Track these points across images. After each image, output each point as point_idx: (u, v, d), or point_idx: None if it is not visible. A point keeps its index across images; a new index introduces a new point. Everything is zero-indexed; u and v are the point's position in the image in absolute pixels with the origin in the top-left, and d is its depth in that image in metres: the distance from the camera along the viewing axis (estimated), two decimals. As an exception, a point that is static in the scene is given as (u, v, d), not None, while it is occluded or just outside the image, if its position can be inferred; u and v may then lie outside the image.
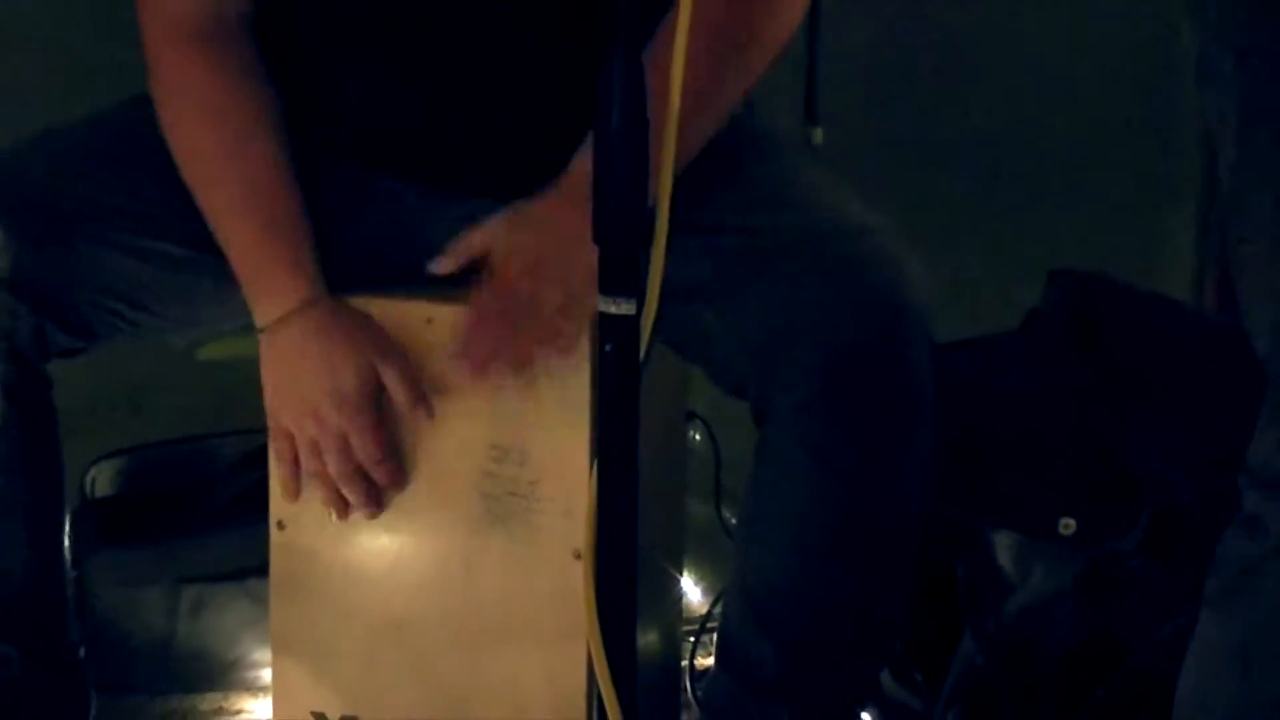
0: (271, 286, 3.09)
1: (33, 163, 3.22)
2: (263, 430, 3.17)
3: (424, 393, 3.10)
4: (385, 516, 3.13)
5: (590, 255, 2.30)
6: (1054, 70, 5.08)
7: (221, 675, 3.78)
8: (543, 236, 2.97)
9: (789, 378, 2.96)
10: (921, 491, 3.06)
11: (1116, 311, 3.84)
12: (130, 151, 3.19)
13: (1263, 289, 2.66)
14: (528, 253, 2.99)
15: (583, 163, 2.85)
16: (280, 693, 3.26)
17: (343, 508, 3.10)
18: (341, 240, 3.19)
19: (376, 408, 3.09)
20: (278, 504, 3.17)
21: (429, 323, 3.11)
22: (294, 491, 3.12)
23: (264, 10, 3.24)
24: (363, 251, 3.22)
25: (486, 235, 3.07)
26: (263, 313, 3.10)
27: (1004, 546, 3.56)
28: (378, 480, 3.08)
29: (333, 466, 3.06)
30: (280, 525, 3.18)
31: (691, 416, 3.69)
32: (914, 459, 3.03)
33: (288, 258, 3.10)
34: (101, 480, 3.89)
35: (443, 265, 3.09)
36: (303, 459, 3.09)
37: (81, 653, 3.29)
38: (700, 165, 2.94)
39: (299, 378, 3.07)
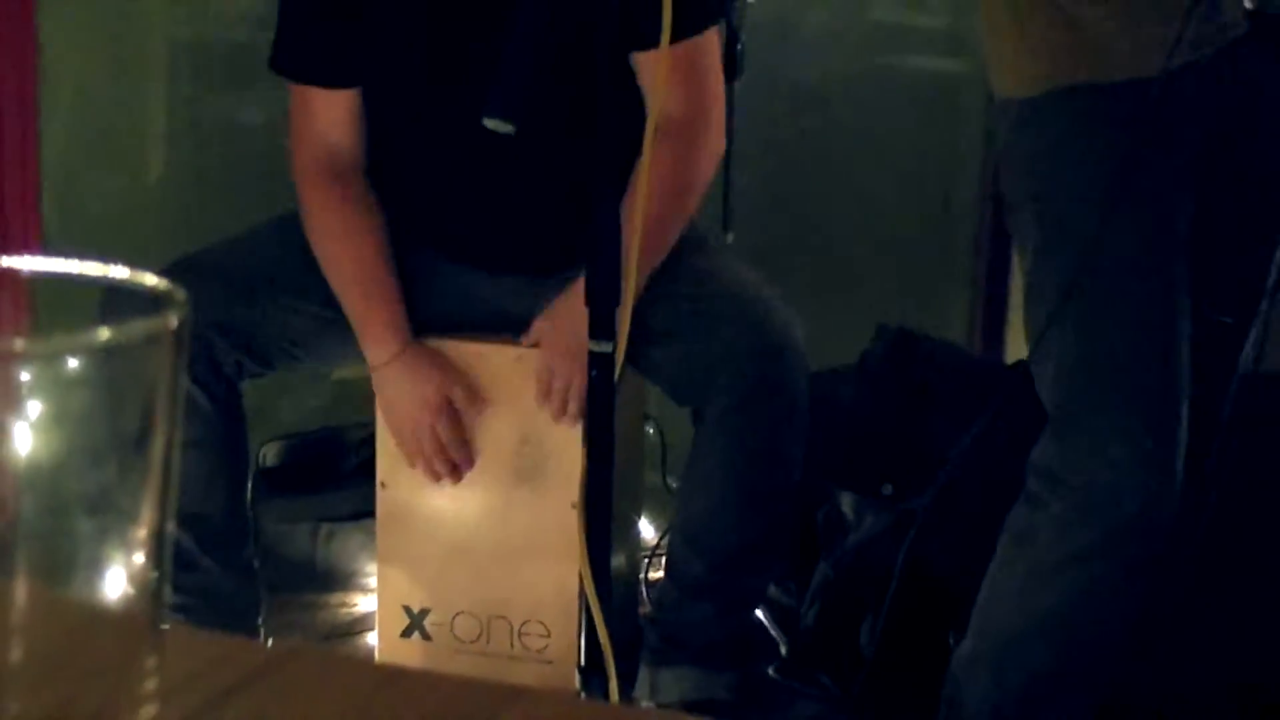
0: (377, 340, 3.15)
1: (234, 253, 3.24)
2: (371, 423, 3.25)
3: (479, 399, 3.18)
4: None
5: None
6: (886, 187, 5.02)
7: (344, 581, 3.78)
8: (574, 322, 3.01)
9: (714, 394, 3.03)
10: (798, 465, 3.12)
11: (919, 352, 3.88)
12: (295, 248, 3.19)
13: (1045, 350, 2.72)
14: (567, 332, 3.02)
15: None
16: (383, 594, 3.32)
17: (435, 476, 3.17)
18: (424, 301, 3.21)
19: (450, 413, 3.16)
20: (382, 469, 3.23)
21: (480, 356, 3.20)
22: (410, 464, 3.18)
23: (371, 153, 3.26)
24: (436, 308, 3.24)
25: (542, 325, 3.13)
26: (373, 357, 3.15)
27: (847, 502, 3.60)
28: (455, 458, 3.15)
29: (427, 448, 3.14)
30: (383, 485, 3.25)
31: (648, 417, 3.70)
32: (794, 446, 3.09)
33: (386, 321, 3.15)
34: (269, 455, 3.90)
35: (530, 336, 3.16)
36: (406, 447, 3.16)
37: (256, 565, 3.31)
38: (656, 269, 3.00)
39: (400, 398, 3.14)
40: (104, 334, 0.58)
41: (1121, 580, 2.69)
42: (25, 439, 0.58)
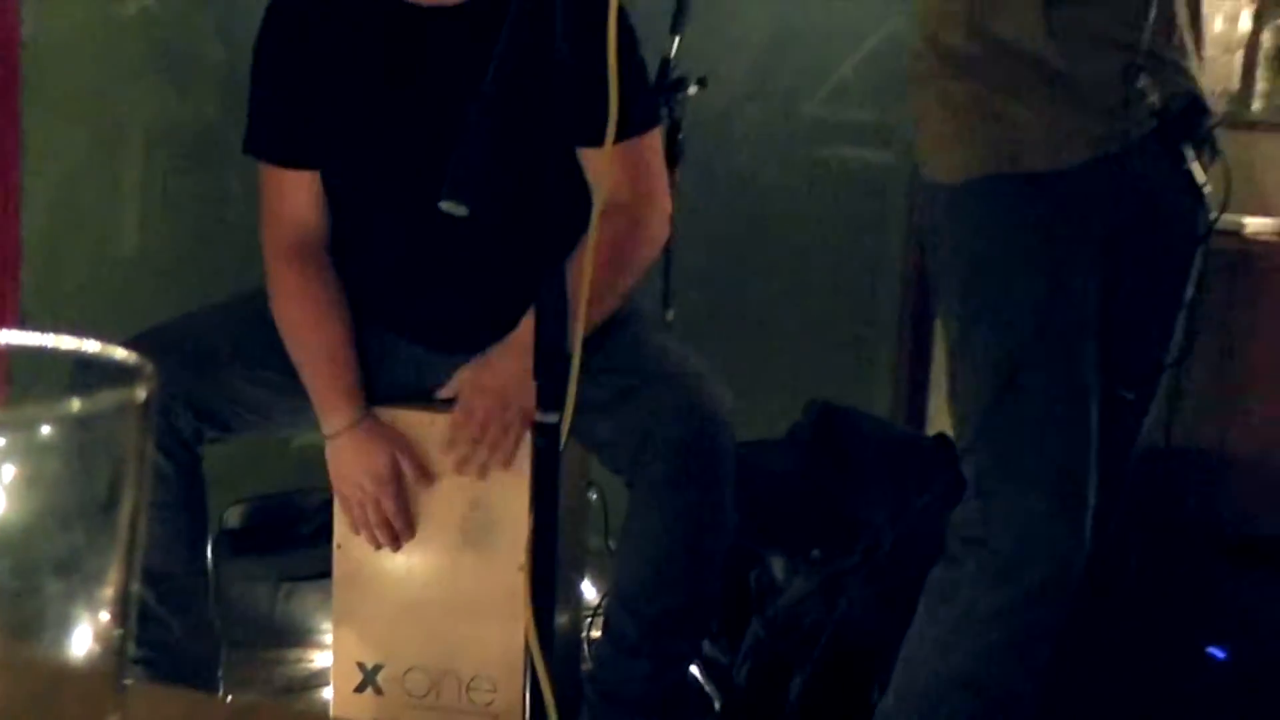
0: (333, 411, 3.14)
1: (198, 326, 3.23)
2: (329, 488, 3.22)
3: (426, 470, 3.17)
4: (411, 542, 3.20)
5: (528, 388, 2.37)
6: (816, 269, 5.05)
7: (302, 637, 3.77)
8: (498, 377, 3.03)
9: (648, 462, 3.02)
10: (728, 530, 3.11)
11: (845, 425, 3.92)
12: (255, 321, 3.18)
13: (965, 421, 2.74)
14: (489, 388, 3.05)
15: (524, 330, 2.92)
16: (338, 650, 3.28)
17: (375, 544, 3.15)
18: (378, 374, 3.21)
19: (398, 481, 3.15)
20: (338, 532, 3.21)
21: (431, 425, 3.18)
22: (354, 531, 3.17)
23: (334, 233, 3.26)
24: (390, 381, 3.24)
25: (466, 374, 3.14)
26: (327, 426, 3.14)
27: (778, 565, 3.62)
28: (396, 527, 3.14)
29: (372, 518, 3.13)
30: (339, 546, 3.22)
31: (590, 483, 3.70)
32: (723, 511, 3.07)
33: (342, 392, 3.15)
34: (233, 517, 3.90)
35: (444, 393, 3.17)
36: (352, 514, 3.15)
37: (216, 621, 3.29)
38: (600, 330, 3.00)
39: (350, 468, 3.13)
40: (75, 405, 0.58)
41: (1034, 638, 2.70)
42: (3, 509, 0.58)
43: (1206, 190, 2.71)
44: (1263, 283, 4.23)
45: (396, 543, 3.16)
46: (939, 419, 3.35)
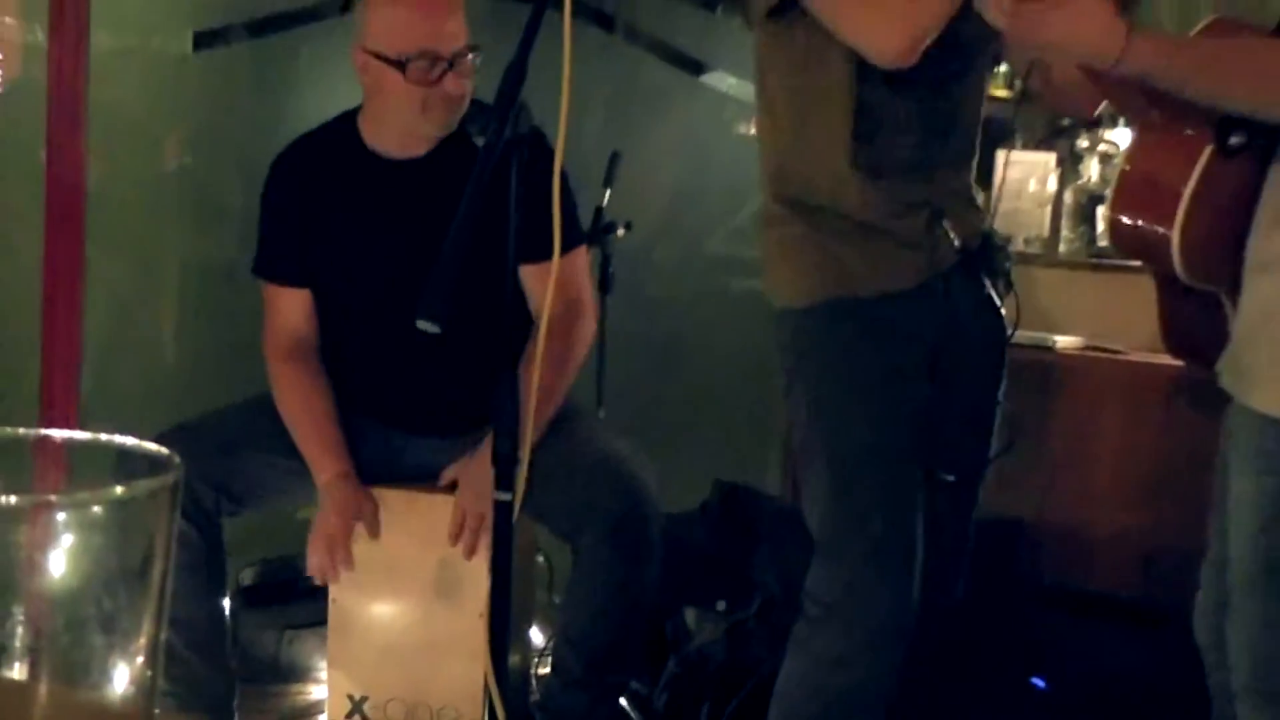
0: (323, 466, 3.13)
1: (218, 420, 3.24)
2: None
3: (378, 530, 3.15)
4: (385, 593, 3.17)
5: None
6: (721, 375, 5.08)
7: (302, 675, 3.74)
8: (482, 473, 3.02)
9: (588, 532, 3.02)
10: (654, 587, 3.09)
11: (745, 500, 3.92)
12: (265, 416, 3.18)
13: (813, 499, 2.73)
14: (477, 483, 3.01)
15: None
16: (332, 685, 3.25)
17: (318, 571, 3.13)
18: (363, 457, 3.19)
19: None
20: (333, 588, 3.18)
21: (411, 501, 3.17)
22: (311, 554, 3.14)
23: (324, 337, 3.27)
24: (374, 462, 3.22)
25: (462, 475, 3.11)
26: (318, 477, 3.13)
27: (690, 615, 3.62)
28: (336, 559, 3.11)
29: (324, 547, 3.10)
30: (333, 600, 3.19)
31: (538, 549, 3.69)
32: (650, 572, 3.05)
33: (330, 451, 3.15)
34: (247, 576, 3.88)
35: (444, 479, 3.16)
36: (314, 539, 3.12)
37: (232, 662, 3.26)
38: (547, 425, 3.00)
39: (330, 504, 3.12)
40: (118, 490, 0.58)
41: (873, 678, 2.68)
42: (57, 570, 0.58)
43: (1004, 310, 2.72)
44: (1069, 387, 4.26)
45: (333, 575, 3.13)
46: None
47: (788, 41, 2.66)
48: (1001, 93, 3.89)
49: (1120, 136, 4.73)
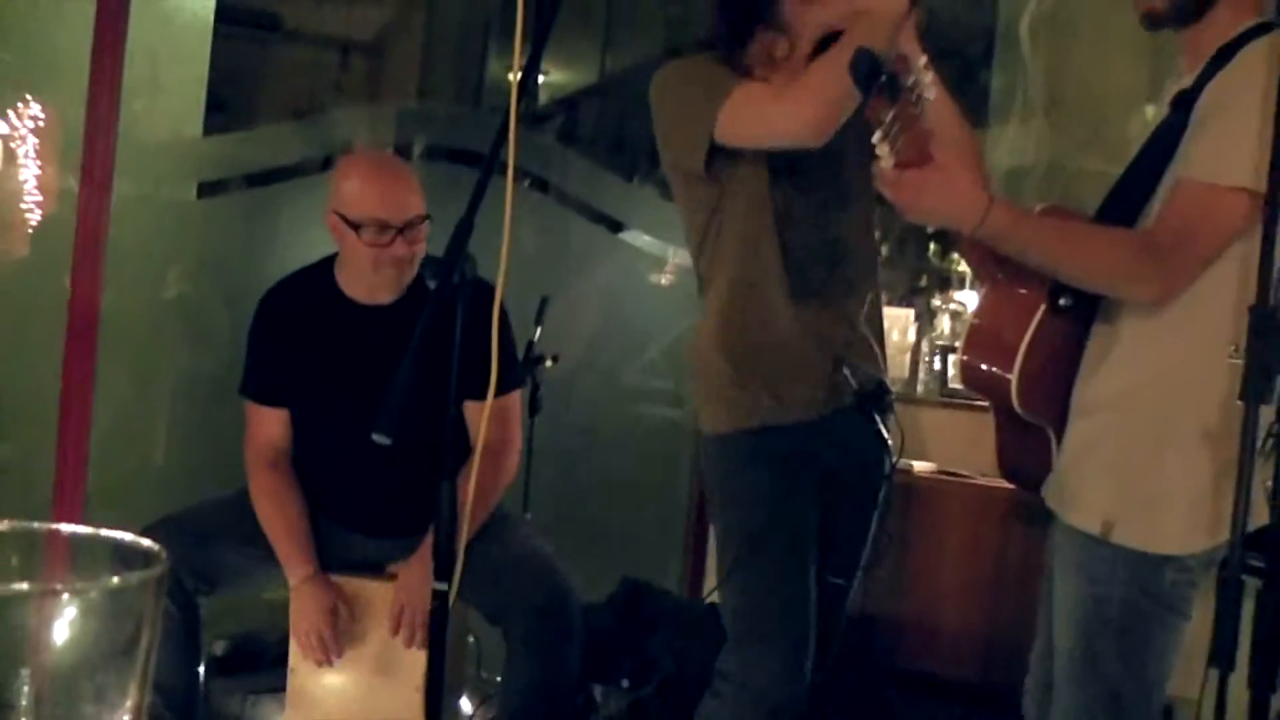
0: (296, 569, 3.09)
1: (200, 513, 3.20)
2: (285, 628, 3.14)
3: (356, 617, 3.12)
4: (336, 666, 3.12)
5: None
6: (624, 489, 5.02)
7: None
8: (421, 572, 2.98)
9: (516, 619, 3.01)
10: (577, 664, 3.07)
11: (648, 594, 3.90)
12: (241, 511, 3.15)
13: (726, 597, 2.71)
14: (416, 580, 3.01)
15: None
16: (289, 742, 3.22)
17: (317, 661, 3.08)
18: (327, 552, 3.16)
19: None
20: (291, 660, 3.13)
21: (363, 587, 3.14)
22: (303, 652, 3.09)
23: (297, 454, 3.25)
24: (332, 555, 3.18)
25: (402, 567, 3.10)
26: (291, 578, 3.09)
27: (598, 691, 3.58)
28: (331, 650, 3.07)
29: (314, 643, 3.06)
30: (292, 670, 3.14)
31: (469, 630, 3.65)
32: (573, 653, 3.04)
33: (301, 555, 3.10)
34: (219, 647, 3.79)
35: (389, 571, 3.15)
36: (302, 640, 3.08)
37: None
38: (479, 528, 2.99)
39: (306, 605, 3.07)
40: (113, 581, 0.59)
41: None
42: (59, 644, 0.58)
43: (889, 443, 2.73)
44: (924, 505, 4.29)
45: (330, 661, 3.08)
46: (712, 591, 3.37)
47: (714, 194, 2.66)
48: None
49: (968, 297, 4.82)
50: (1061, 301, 2.31)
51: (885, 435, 2.69)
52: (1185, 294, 2.20)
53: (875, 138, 2.00)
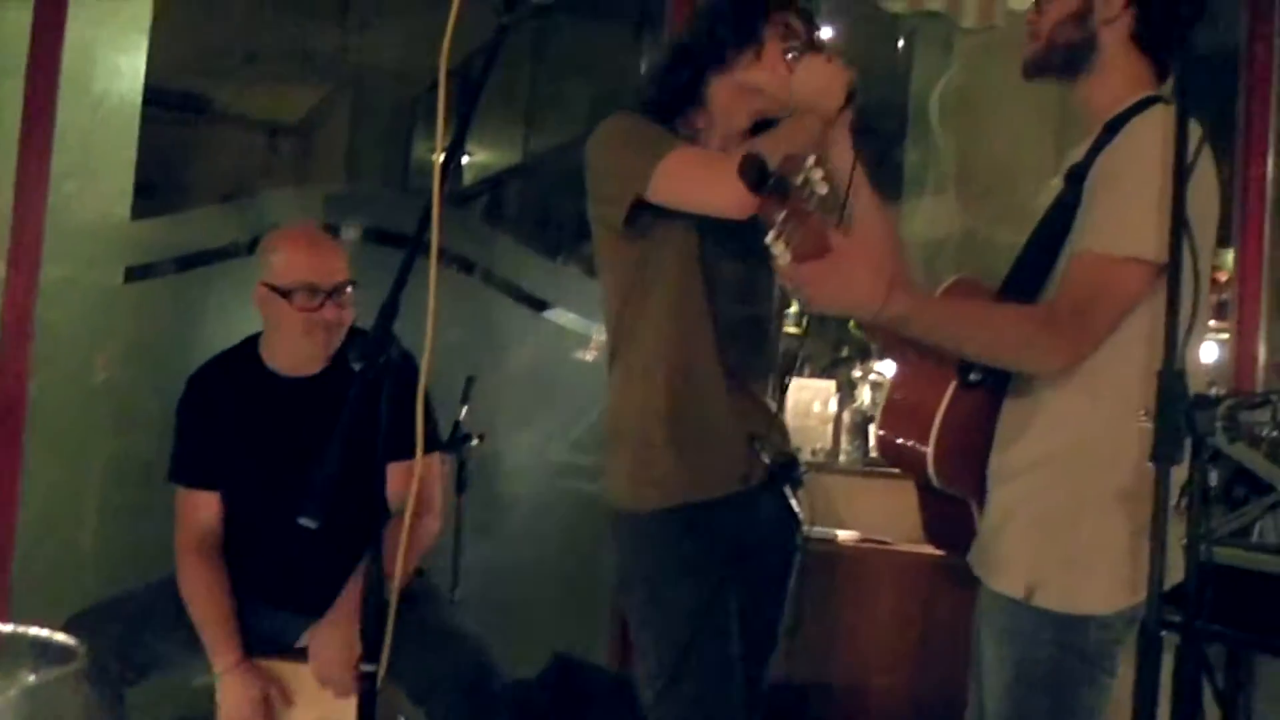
0: (222, 656, 3.07)
1: (127, 601, 3.17)
2: (212, 716, 3.11)
3: (288, 699, 3.09)
4: None
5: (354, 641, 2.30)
6: (559, 567, 4.98)
7: None
8: (343, 638, 2.96)
9: (440, 697, 3.00)
10: None
11: (577, 671, 3.88)
12: (169, 598, 3.12)
13: (649, 681, 2.67)
14: (334, 647, 2.99)
15: (347, 600, 2.99)
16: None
17: None
18: (254, 630, 3.14)
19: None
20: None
21: (293, 669, 3.11)
22: None
23: (226, 535, 3.22)
24: (259, 634, 3.16)
25: (317, 636, 3.07)
26: (217, 666, 3.06)
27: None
28: None
29: None
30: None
31: (398, 713, 3.60)
32: None
33: (229, 644, 3.08)
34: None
35: (301, 643, 3.11)
36: None
37: None
38: (402, 611, 2.95)
39: (234, 695, 3.05)
40: (30, 679, 0.58)
41: None
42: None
43: (801, 518, 2.71)
44: (849, 572, 4.30)
45: None
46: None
47: (636, 251, 2.65)
48: (793, 329, 3.98)
49: (887, 368, 4.86)
50: (971, 376, 2.35)
51: (797, 510, 2.69)
52: (1095, 360, 2.25)
53: (768, 238, 2.03)
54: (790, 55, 2.59)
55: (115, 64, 4.37)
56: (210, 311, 4.37)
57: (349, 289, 3.19)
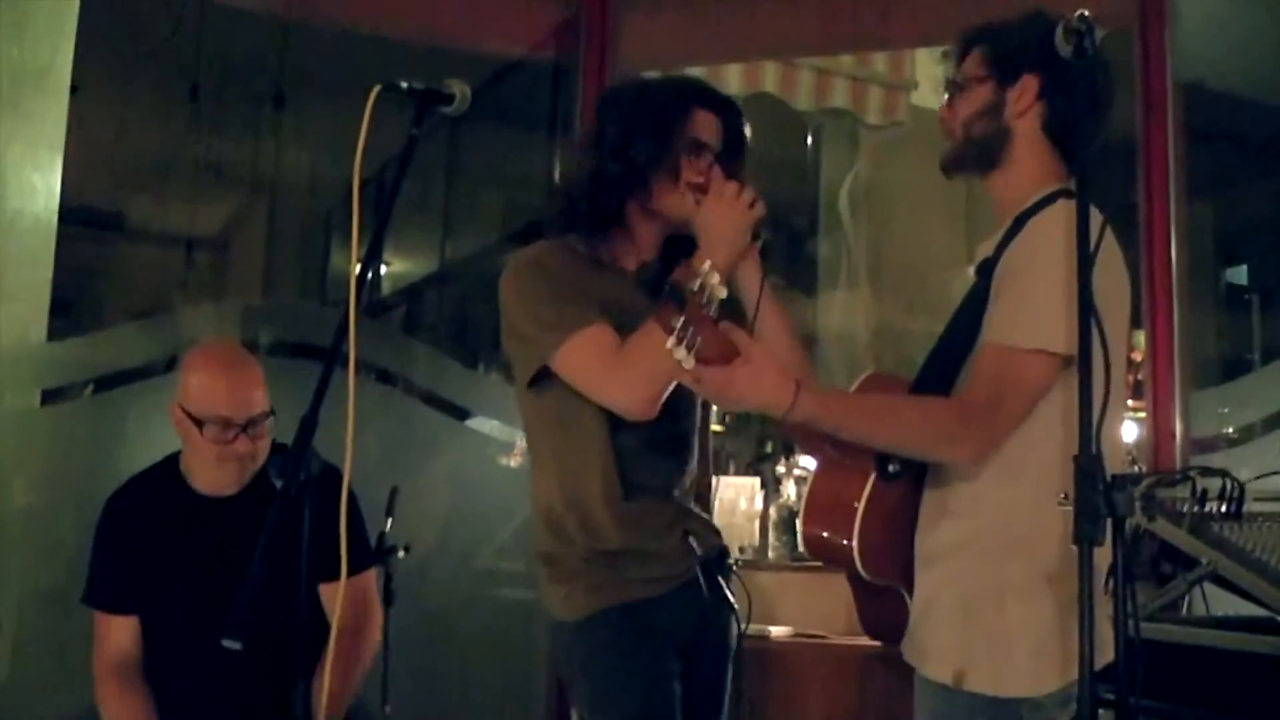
0: None
1: None
2: None
3: None
4: None
5: None
6: (492, 670, 4.94)
7: None
8: None
9: None
10: None
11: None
12: None
13: None
14: None
15: None
16: None
17: None
18: None
19: None
20: None
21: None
22: None
23: (147, 660, 3.15)
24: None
25: None
26: None
27: None
28: None
29: None
30: None
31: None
32: None
33: None
34: None
35: None
36: None
37: None
38: None
39: None
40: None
41: None
42: None
43: (736, 608, 2.72)
44: (782, 668, 4.29)
45: None
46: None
47: (548, 404, 2.66)
48: (716, 427, 4.00)
49: (811, 462, 4.88)
50: (890, 468, 2.38)
51: (732, 600, 2.70)
52: (1014, 445, 2.28)
53: (669, 344, 2.05)
54: (693, 197, 2.61)
55: (30, 182, 4.34)
56: (129, 432, 4.32)
57: (266, 420, 3.13)
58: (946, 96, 2.50)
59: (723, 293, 2.08)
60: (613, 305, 2.59)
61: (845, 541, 2.37)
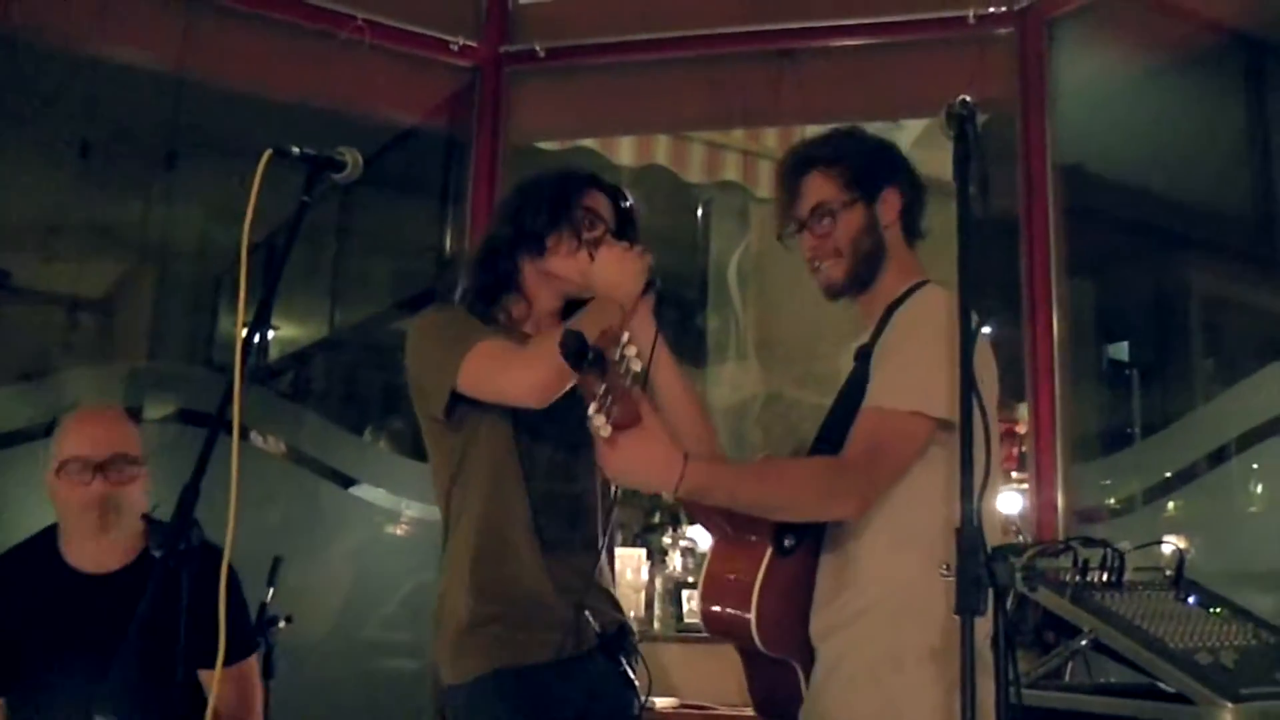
0: None
1: None
2: None
3: None
4: None
5: None
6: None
7: None
8: None
9: None
10: None
11: None
12: None
13: None
14: None
15: None
16: None
17: None
18: None
19: None
20: None
21: None
22: None
23: None
24: None
25: None
26: None
27: None
28: None
29: None
30: None
31: None
32: None
33: None
34: None
35: None
36: None
37: None
38: None
39: None
40: None
41: None
42: None
43: (636, 684, 2.73)
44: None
45: None
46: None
47: (460, 439, 2.67)
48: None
49: (698, 533, 4.89)
50: (786, 543, 2.45)
51: (631, 676, 2.71)
52: (900, 517, 2.36)
53: (590, 410, 2.08)
54: (585, 249, 2.69)
55: (-87, 243, 4.25)
56: (6, 500, 4.21)
57: (132, 466, 3.02)
58: (822, 223, 2.59)
59: (639, 365, 2.11)
60: None
61: (744, 615, 2.41)
